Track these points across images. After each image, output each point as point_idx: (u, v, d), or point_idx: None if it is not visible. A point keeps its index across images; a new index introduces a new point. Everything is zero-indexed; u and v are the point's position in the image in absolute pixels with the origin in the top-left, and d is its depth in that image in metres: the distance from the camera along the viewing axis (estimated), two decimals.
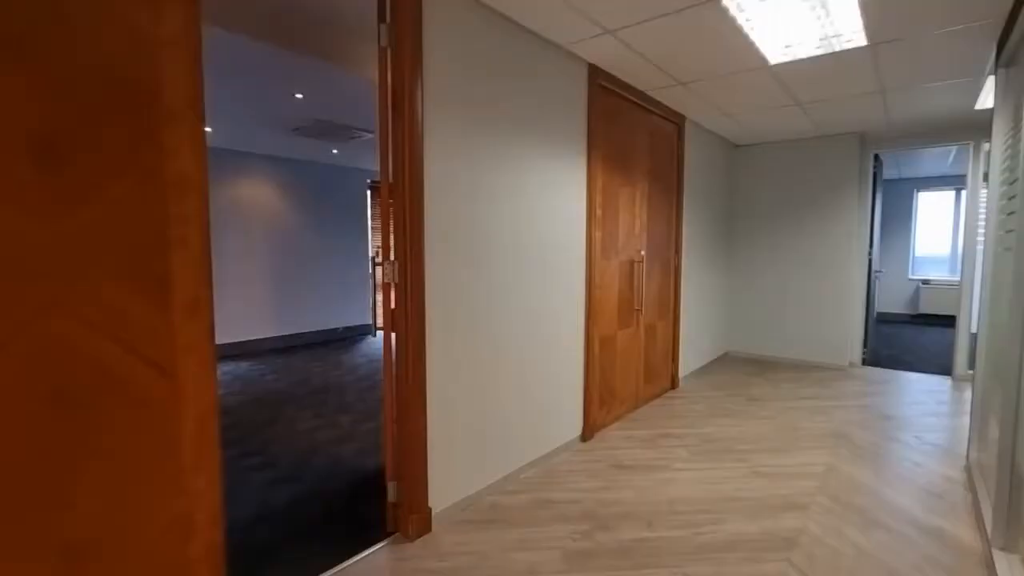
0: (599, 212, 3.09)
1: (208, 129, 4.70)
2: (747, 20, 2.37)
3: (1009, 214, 2.07)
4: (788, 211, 5.02)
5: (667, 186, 3.95)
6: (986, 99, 3.53)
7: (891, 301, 8.10)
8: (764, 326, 5.23)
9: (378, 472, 2.67)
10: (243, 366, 5.15)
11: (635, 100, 3.39)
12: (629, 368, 3.57)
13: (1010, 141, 2.23)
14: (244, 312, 5.81)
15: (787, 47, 2.74)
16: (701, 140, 4.48)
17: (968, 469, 2.64)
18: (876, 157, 4.91)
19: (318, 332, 6.57)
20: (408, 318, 1.97)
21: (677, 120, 3.99)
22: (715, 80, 3.22)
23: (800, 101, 3.66)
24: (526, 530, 2.12)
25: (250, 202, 5.82)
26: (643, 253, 3.60)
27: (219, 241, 5.56)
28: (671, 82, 3.25)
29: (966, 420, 3.41)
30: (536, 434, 2.71)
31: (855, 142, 4.64)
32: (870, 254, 4.95)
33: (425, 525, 2.08)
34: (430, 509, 2.10)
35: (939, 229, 7.95)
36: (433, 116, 2.04)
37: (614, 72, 3.07)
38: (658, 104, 3.67)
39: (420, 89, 1.96)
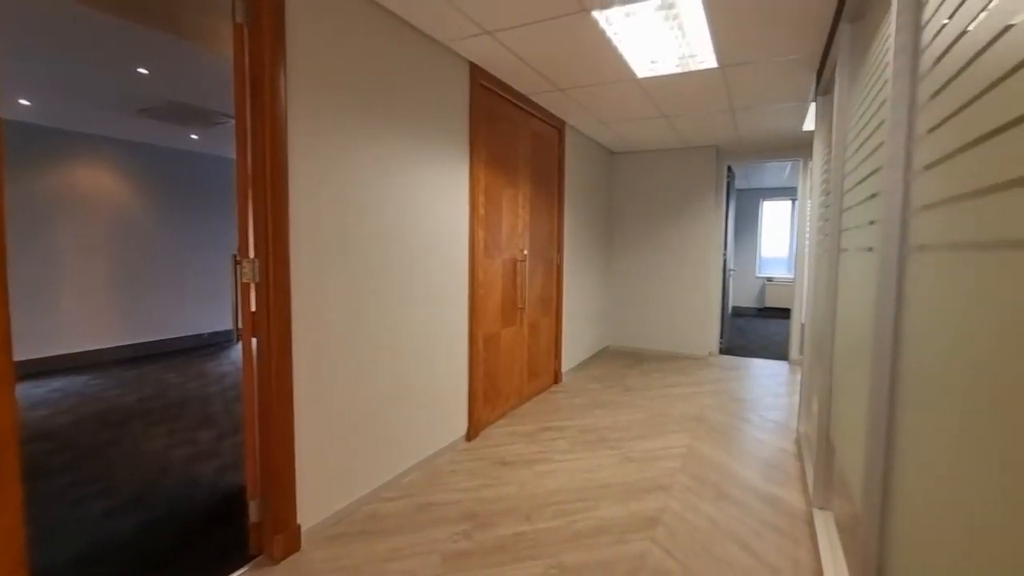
0: (482, 211, 3.10)
1: (24, 102, 3.96)
2: (615, 34, 2.52)
3: (825, 222, 2.43)
4: (658, 215, 5.47)
5: (549, 188, 4.09)
6: (811, 122, 4.12)
7: (743, 296, 9.19)
8: (638, 321, 5.64)
9: (242, 491, 2.43)
10: (80, 381, 4.43)
11: (517, 103, 3.46)
12: (513, 365, 3.64)
13: (825, 160, 2.61)
14: (82, 319, 5.01)
15: (652, 63, 2.96)
16: (581, 145, 4.71)
17: (798, 441, 3.06)
18: (729, 168, 5.52)
19: (180, 339, 5.87)
20: (271, 321, 1.81)
21: (558, 125, 4.15)
22: (591, 88, 3.40)
23: (666, 114, 3.99)
24: (404, 537, 2.06)
25: (89, 191, 5.02)
26: (526, 252, 3.69)
27: (48, 236, 4.73)
28: (550, 87, 3.36)
29: (798, 399, 3.95)
30: (418, 436, 2.65)
31: (712, 154, 5.18)
32: (724, 255, 5.55)
33: (293, 544, 1.93)
34: (299, 526, 1.95)
35: (780, 233, 9.17)
36: (301, 104, 1.89)
37: (496, 73, 3.10)
38: (539, 108, 3.78)
39: (283, 74, 1.81)
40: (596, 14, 2.33)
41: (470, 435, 3.07)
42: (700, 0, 2.21)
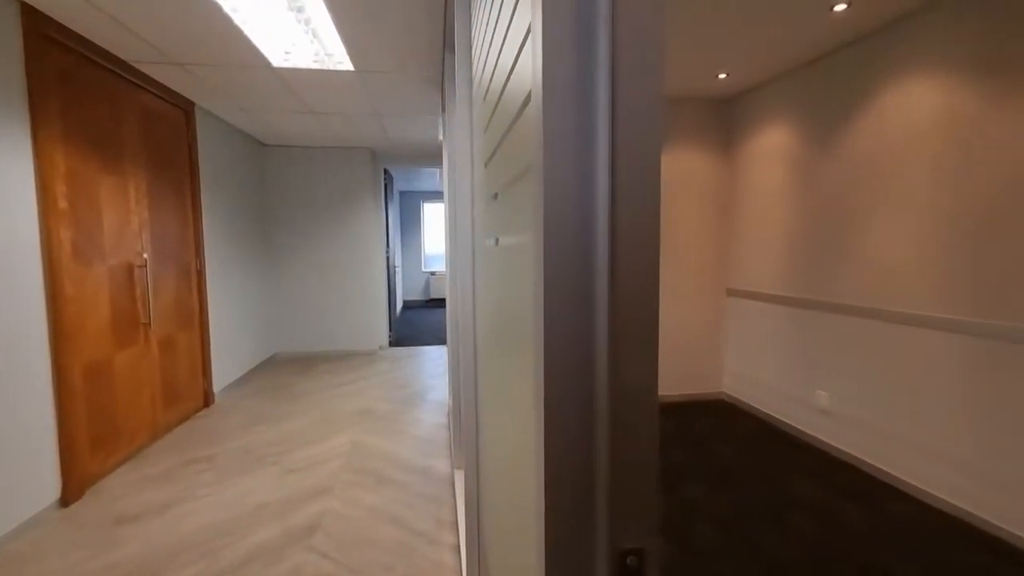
0: (64, 204, 2.38)
1: None
2: (234, 11, 2.29)
3: (451, 221, 2.81)
4: (319, 214, 5.33)
5: (177, 180, 3.46)
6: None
7: (412, 290, 9.94)
8: (308, 323, 5.41)
9: None
10: None
11: (117, 70, 2.77)
12: (140, 394, 2.96)
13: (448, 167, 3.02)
14: None
15: (287, 54, 2.82)
16: (222, 133, 4.15)
17: (449, 413, 3.49)
18: (386, 171, 5.82)
19: None
20: None
21: (184, 105, 3.54)
22: (219, 69, 3.01)
23: (313, 110, 3.90)
24: None
25: None
26: (146, 256, 3.02)
27: None
28: (163, 59, 2.83)
29: None
30: None
31: (368, 156, 5.35)
32: (388, 252, 5.85)
33: None
34: None
35: (439, 232, 10.29)
36: None
37: (74, 27, 2.40)
38: (155, 83, 3.14)
39: None
40: None
41: (69, 497, 2.34)
42: (323, 3, 2.21)
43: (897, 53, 2.48)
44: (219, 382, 3.99)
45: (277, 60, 2.89)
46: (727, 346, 3.88)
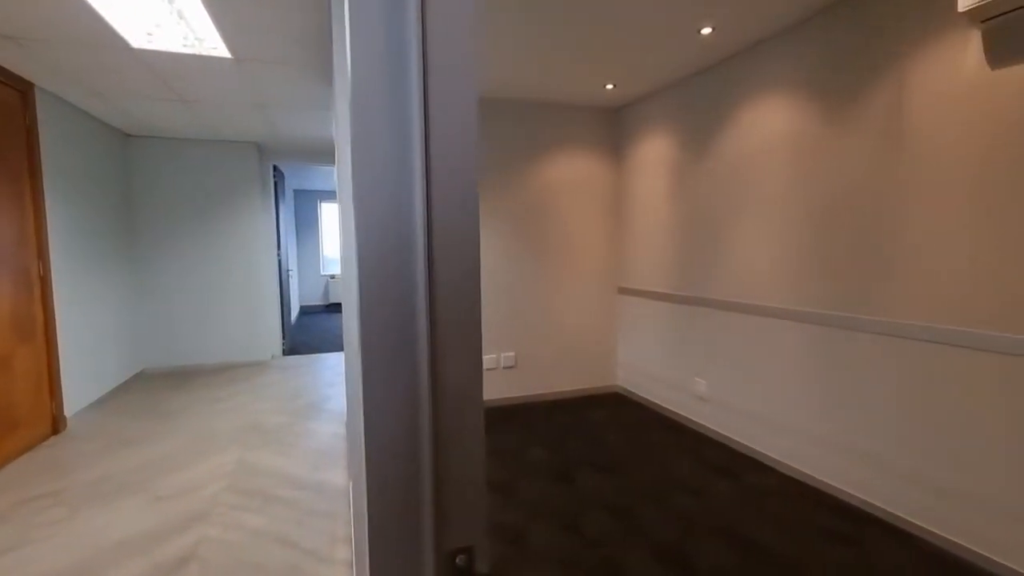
0: None
1: None
2: None
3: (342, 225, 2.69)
4: (196, 213, 4.85)
5: (12, 171, 2.97)
6: None
7: (311, 295, 9.41)
8: (184, 334, 4.90)
9: None
10: None
11: None
12: None
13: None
14: None
15: (150, 35, 2.54)
16: (73, 120, 3.63)
17: (347, 423, 3.34)
18: (276, 168, 5.45)
19: None
20: None
21: (19, 86, 3.05)
22: (62, 47, 2.63)
23: (184, 98, 3.54)
24: None
25: None
26: None
27: None
28: None
29: None
30: None
31: (254, 151, 4.97)
32: (280, 255, 5.48)
33: None
34: None
35: (337, 233, 9.84)
36: None
37: None
38: None
39: None
40: None
41: None
42: None
43: (753, 74, 2.78)
44: (73, 404, 3.48)
45: (138, 41, 2.59)
46: (620, 341, 4.10)
